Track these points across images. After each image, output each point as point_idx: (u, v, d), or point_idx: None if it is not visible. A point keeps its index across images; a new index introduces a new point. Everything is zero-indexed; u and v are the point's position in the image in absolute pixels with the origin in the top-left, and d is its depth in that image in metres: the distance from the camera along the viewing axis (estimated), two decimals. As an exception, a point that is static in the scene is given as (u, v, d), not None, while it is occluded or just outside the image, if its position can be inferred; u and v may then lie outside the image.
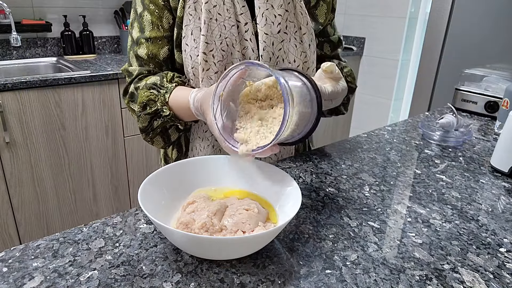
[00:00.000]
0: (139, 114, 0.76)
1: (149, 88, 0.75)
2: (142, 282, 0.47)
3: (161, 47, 0.78)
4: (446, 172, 0.84)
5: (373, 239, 0.58)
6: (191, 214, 0.55)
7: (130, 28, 0.81)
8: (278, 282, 0.48)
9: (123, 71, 0.84)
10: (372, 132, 1.08)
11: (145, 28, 0.77)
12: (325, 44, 0.92)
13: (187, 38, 0.76)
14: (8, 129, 1.64)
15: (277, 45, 0.77)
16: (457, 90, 1.36)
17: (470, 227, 0.63)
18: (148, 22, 0.77)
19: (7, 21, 2.00)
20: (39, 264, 0.50)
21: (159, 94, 0.74)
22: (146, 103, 0.75)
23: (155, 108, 0.74)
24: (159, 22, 0.77)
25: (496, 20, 1.63)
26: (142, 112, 0.76)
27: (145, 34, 0.77)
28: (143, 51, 0.78)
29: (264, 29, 0.75)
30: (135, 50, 0.79)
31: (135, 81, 0.80)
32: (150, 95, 0.74)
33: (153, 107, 0.74)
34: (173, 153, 0.91)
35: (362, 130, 3.11)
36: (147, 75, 0.80)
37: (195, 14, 0.74)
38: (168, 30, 0.78)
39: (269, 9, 0.75)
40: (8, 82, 1.58)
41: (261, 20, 0.75)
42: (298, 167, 0.83)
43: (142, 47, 0.78)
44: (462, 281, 0.50)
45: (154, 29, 0.77)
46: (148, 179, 0.57)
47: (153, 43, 0.77)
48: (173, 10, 0.76)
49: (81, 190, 1.93)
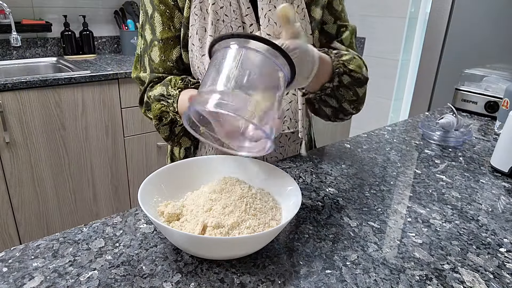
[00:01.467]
0: (157, 127, 0.78)
1: (158, 100, 0.76)
2: (142, 282, 0.47)
3: (173, 47, 0.78)
4: (446, 172, 0.84)
5: (373, 239, 0.58)
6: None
7: (141, 30, 0.81)
8: (278, 282, 0.48)
9: (135, 79, 0.84)
10: (372, 132, 1.08)
11: (156, 30, 0.77)
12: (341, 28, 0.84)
13: (193, 38, 0.76)
14: (8, 129, 1.64)
15: None
16: (457, 90, 1.36)
17: (470, 227, 0.63)
18: (159, 23, 0.77)
19: (7, 21, 2.00)
20: (39, 264, 0.50)
21: (169, 105, 0.74)
22: (161, 115, 0.76)
23: (170, 118, 0.75)
24: (171, 22, 0.77)
25: (496, 20, 1.63)
26: (160, 124, 0.77)
27: (157, 35, 0.77)
28: (156, 54, 0.78)
29: (267, 30, 0.75)
30: (149, 53, 0.79)
31: (147, 89, 0.80)
32: (162, 107, 0.75)
33: (168, 118, 0.75)
34: (181, 152, 0.91)
35: (362, 130, 3.11)
36: (157, 82, 0.80)
37: (200, 14, 0.74)
38: (180, 29, 0.78)
39: (271, 10, 0.75)
40: (8, 82, 1.58)
41: (264, 21, 0.75)
42: (298, 167, 0.83)
43: (155, 50, 0.78)
44: (462, 281, 0.50)
45: (165, 30, 0.77)
46: (148, 179, 0.57)
47: (165, 44, 0.77)
48: (181, 10, 0.76)
49: (81, 190, 1.93)
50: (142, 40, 0.81)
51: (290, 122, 0.83)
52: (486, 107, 1.29)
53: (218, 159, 0.66)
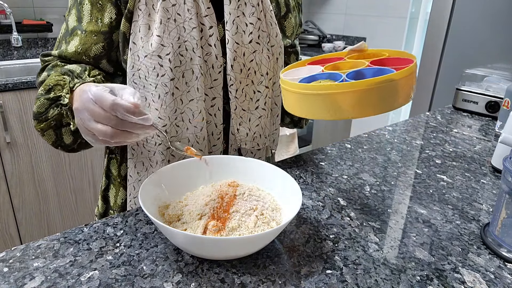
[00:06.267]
0: (39, 97, 0.64)
1: (64, 73, 0.65)
2: (143, 282, 0.47)
3: (95, 42, 0.68)
4: (447, 172, 0.84)
5: (374, 239, 0.58)
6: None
7: (67, 14, 0.71)
8: (278, 282, 0.48)
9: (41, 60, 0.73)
10: (373, 132, 1.08)
11: (83, 19, 0.68)
12: (292, 55, 0.88)
13: (134, 36, 0.67)
14: (9, 129, 1.64)
15: (249, 56, 0.71)
16: (458, 90, 1.36)
17: (471, 227, 0.63)
18: (87, 12, 0.67)
19: (8, 22, 2.00)
20: (40, 264, 0.50)
21: (70, 82, 0.63)
22: (52, 87, 0.64)
23: (59, 94, 0.63)
24: (100, 15, 0.67)
25: (497, 20, 1.63)
26: (44, 95, 0.64)
27: (82, 25, 0.68)
28: (73, 44, 0.68)
29: (235, 37, 0.69)
30: (67, 40, 0.69)
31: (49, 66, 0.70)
32: (60, 80, 0.64)
33: (58, 92, 0.63)
34: (121, 169, 0.79)
35: (362, 130, 3.11)
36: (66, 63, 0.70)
37: (145, 9, 0.66)
38: (108, 26, 0.68)
39: (240, 17, 0.70)
40: (9, 82, 1.58)
41: (231, 27, 0.69)
42: (299, 167, 0.83)
43: (74, 39, 0.68)
44: (463, 281, 0.50)
45: (92, 22, 0.67)
46: (148, 179, 0.57)
47: (87, 36, 0.68)
48: (117, 5, 0.67)
49: (82, 190, 1.93)
50: (65, 24, 0.71)
51: (260, 139, 0.78)
52: (487, 107, 1.29)
53: (218, 159, 0.66)
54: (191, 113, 0.70)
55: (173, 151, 0.72)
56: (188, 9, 0.66)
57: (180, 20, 0.66)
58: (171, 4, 0.65)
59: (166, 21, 0.65)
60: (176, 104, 0.69)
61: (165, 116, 0.69)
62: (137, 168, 0.74)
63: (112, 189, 0.81)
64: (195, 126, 0.70)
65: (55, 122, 0.65)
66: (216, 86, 0.71)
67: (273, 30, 0.75)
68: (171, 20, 0.65)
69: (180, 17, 0.66)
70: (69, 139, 0.68)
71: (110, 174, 0.82)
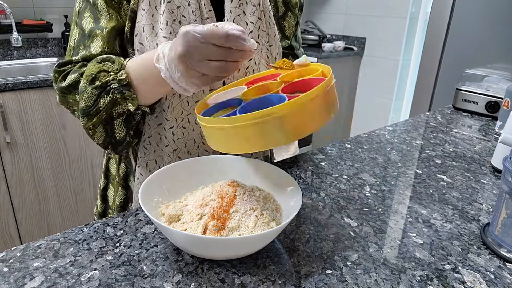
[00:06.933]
0: (83, 89, 0.61)
1: (101, 61, 0.63)
2: (143, 282, 0.47)
3: (116, 39, 0.68)
4: (447, 172, 0.84)
5: (374, 239, 0.58)
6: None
7: (77, 18, 0.69)
8: (278, 282, 0.48)
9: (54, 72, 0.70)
10: (372, 132, 1.08)
11: (102, 18, 0.66)
12: (290, 57, 0.87)
13: (140, 36, 0.66)
14: (9, 129, 1.64)
15: None
16: (458, 90, 1.36)
17: (471, 227, 0.63)
18: (104, 11, 0.66)
19: (8, 22, 2.00)
20: (40, 264, 0.50)
21: (115, 64, 0.61)
22: (96, 75, 0.60)
23: (106, 80, 0.60)
24: (115, 14, 0.66)
25: (497, 20, 1.63)
26: (89, 86, 0.60)
27: (101, 24, 0.66)
28: (97, 45, 0.66)
29: None
30: (87, 44, 0.67)
31: (76, 67, 0.66)
32: (103, 66, 0.61)
33: (104, 79, 0.60)
34: (120, 168, 0.79)
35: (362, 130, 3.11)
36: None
37: (148, 9, 0.66)
38: (125, 21, 0.67)
39: (240, 15, 0.70)
40: (9, 82, 1.58)
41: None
42: (299, 167, 0.83)
43: (96, 40, 0.66)
44: (463, 281, 0.50)
45: (113, 19, 0.66)
46: (148, 179, 0.58)
47: (109, 33, 0.66)
48: (129, 1, 0.67)
49: (82, 190, 1.93)
50: (78, 29, 0.68)
51: None
52: (487, 107, 1.29)
53: (218, 159, 0.66)
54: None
55: (180, 151, 0.73)
56: (192, 11, 0.67)
57: (185, 22, 0.67)
58: (176, 6, 0.66)
59: (172, 22, 0.66)
60: (182, 105, 0.70)
61: (172, 118, 0.70)
62: (149, 166, 0.75)
63: (111, 188, 0.82)
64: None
65: (106, 114, 0.62)
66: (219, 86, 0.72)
67: (272, 30, 0.75)
68: (176, 22, 0.66)
69: (185, 19, 0.67)
70: (121, 132, 0.66)
71: (109, 173, 0.82)
